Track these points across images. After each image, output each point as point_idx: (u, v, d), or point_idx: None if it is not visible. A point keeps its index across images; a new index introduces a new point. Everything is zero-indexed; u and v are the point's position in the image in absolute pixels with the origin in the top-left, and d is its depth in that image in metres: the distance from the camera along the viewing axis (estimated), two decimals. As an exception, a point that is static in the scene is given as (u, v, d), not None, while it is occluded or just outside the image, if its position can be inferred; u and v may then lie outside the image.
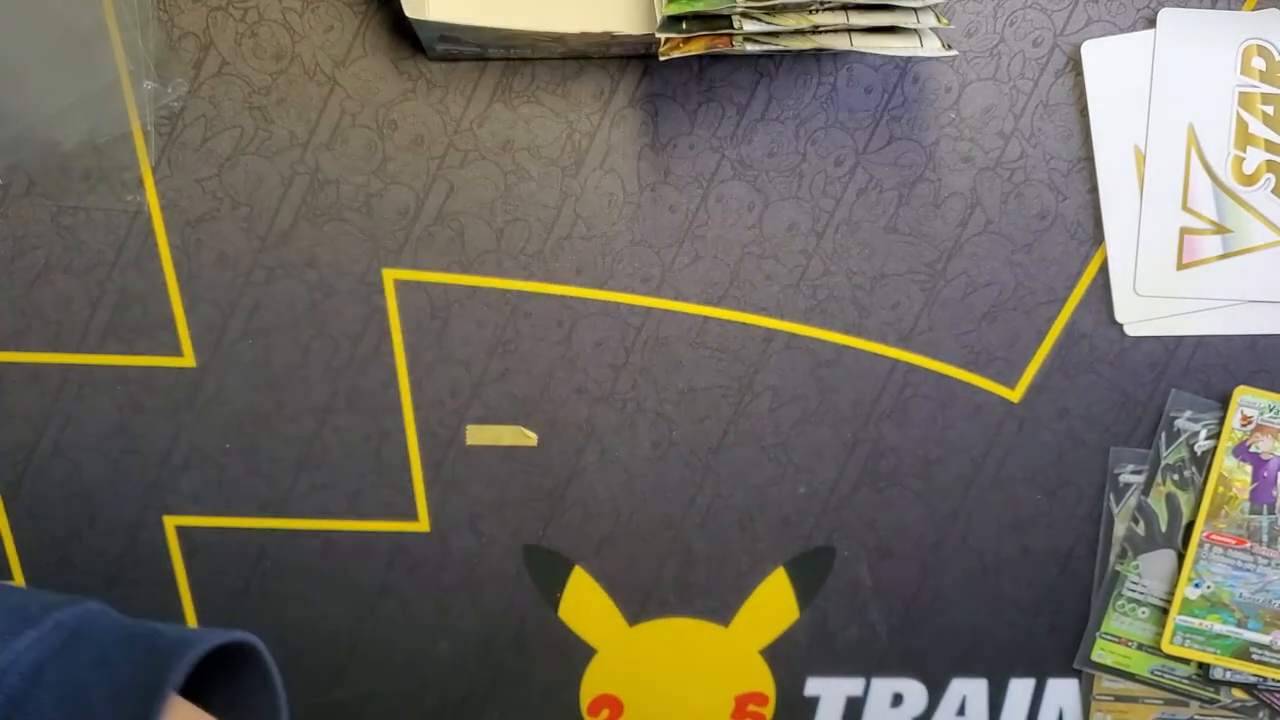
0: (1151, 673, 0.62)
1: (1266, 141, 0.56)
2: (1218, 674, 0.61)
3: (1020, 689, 0.63)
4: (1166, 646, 0.60)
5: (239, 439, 0.59)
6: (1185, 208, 0.57)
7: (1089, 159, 0.57)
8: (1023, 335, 0.59)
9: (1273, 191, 0.57)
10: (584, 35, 0.51)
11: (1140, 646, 0.61)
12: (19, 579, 0.60)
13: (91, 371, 0.58)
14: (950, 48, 0.50)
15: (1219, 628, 0.60)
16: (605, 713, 0.64)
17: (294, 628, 0.61)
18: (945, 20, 0.50)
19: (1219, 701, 0.62)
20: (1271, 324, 0.58)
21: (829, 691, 0.63)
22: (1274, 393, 0.58)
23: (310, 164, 0.56)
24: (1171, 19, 0.56)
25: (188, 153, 0.56)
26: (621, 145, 0.56)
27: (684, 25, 0.49)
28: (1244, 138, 0.56)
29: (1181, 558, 0.60)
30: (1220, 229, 0.57)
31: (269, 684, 0.43)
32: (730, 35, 0.49)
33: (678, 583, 0.61)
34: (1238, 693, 0.62)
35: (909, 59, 0.56)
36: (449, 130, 0.56)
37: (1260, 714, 0.62)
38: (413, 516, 0.60)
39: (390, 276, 0.57)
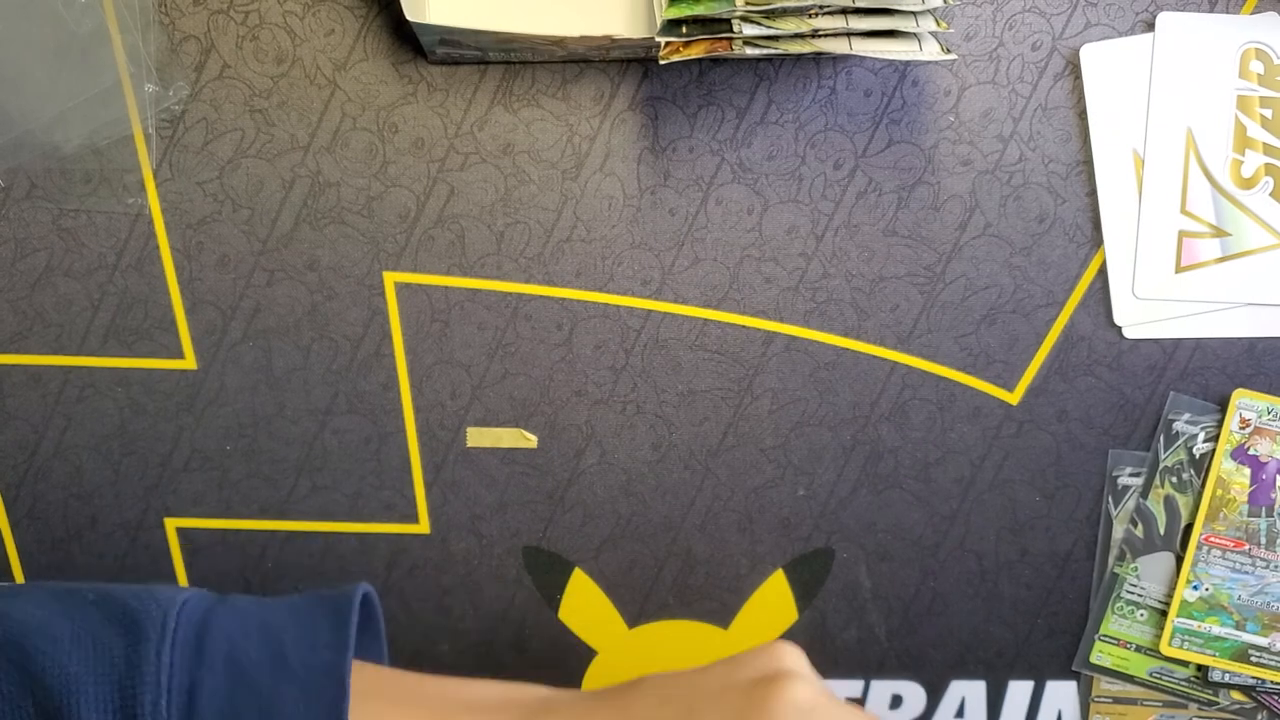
0: (1150, 675, 0.62)
1: (1265, 145, 0.56)
2: (1216, 676, 0.61)
3: (1019, 691, 0.63)
4: (1165, 649, 0.61)
5: (240, 441, 0.59)
6: (1184, 211, 0.57)
7: (1088, 162, 0.57)
8: (1021, 338, 0.59)
9: (1271, 195, 0.57)
10: (584, 39, 0.51)
11: (1139, 649, 0.62)
12: (19, 580, 0.60)
13: (92, 374, 0.58)
14: (949, 51, 0.50)
15: (1217, 630, 0.60)
16: (605, 714, 0.64)
17: (294, 629, 0.61)
18: (944, 24, 0.50)
19: (1218, 704, 0.62)
20: (1270, 327, 0.58)
21: (828, 693, 0.63)
22: (1272, 395, 0.59)
23: (311, 167, 0.56)
24: (1170, 23, 0.56)
25: (189, 155, 0.56)
26: (621, 148, 0.56)
27: (684, 29, 0.49)
28: (1242, 141, 0.56)
29: (1180, 560, 0.60)
30: (1219, 232, 0.57)
31: (374, 626, 0.44)
32: (730, 39, 0.49)
33: (677, 585, 0.62)
34: (1236, 695, 0.62)
35: (908, 63, 0.56)
36: (449, 133, 0.56)
37: (1259, 716, 0.62)
38: (413, 518, 0.60)
39: (391, 279, 0.57)
